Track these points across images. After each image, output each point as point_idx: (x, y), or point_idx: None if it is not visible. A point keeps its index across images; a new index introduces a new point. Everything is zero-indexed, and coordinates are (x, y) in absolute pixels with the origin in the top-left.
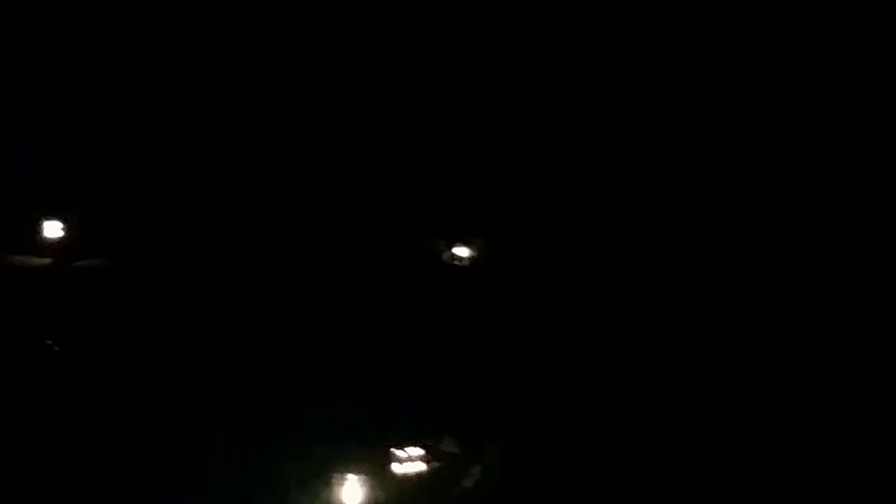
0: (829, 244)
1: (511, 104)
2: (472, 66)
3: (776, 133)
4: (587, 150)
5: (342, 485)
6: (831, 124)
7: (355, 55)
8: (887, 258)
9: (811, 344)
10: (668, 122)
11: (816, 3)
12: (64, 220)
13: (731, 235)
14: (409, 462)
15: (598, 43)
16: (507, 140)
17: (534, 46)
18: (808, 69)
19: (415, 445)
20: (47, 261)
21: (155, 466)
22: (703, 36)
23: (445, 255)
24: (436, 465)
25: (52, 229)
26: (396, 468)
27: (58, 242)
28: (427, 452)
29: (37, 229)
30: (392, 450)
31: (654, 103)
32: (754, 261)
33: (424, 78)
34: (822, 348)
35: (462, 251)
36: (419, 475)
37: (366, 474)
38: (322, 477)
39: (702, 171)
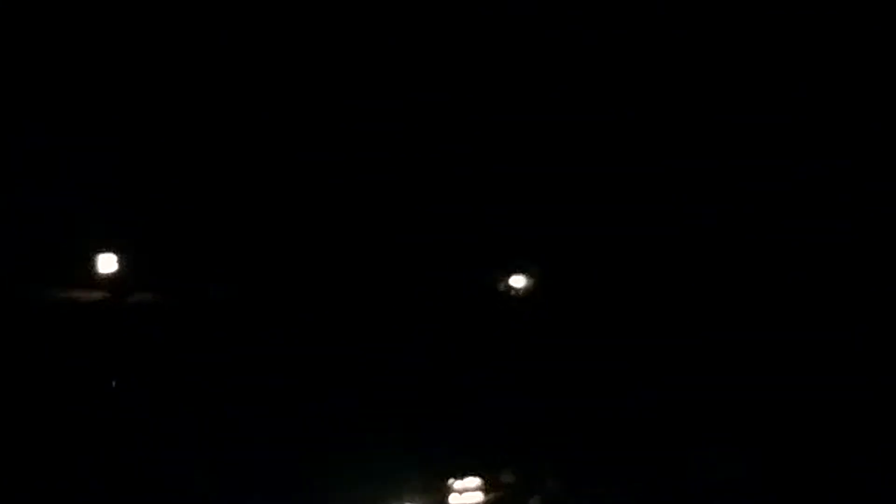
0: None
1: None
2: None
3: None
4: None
5: None
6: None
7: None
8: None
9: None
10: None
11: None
12: (119, 253)
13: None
14: (468, 493)
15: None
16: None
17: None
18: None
19: (473, 476)
20: (101, 295)
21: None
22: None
23: (502, 286)
24: (494, 496)
25: (107, 263)
26: (455, 499)
27: (112, 277)
28: (485, 483)
29: (91, 263)
30: (451, 480)
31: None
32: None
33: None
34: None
35: (518, 281)
36: None
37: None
38: None
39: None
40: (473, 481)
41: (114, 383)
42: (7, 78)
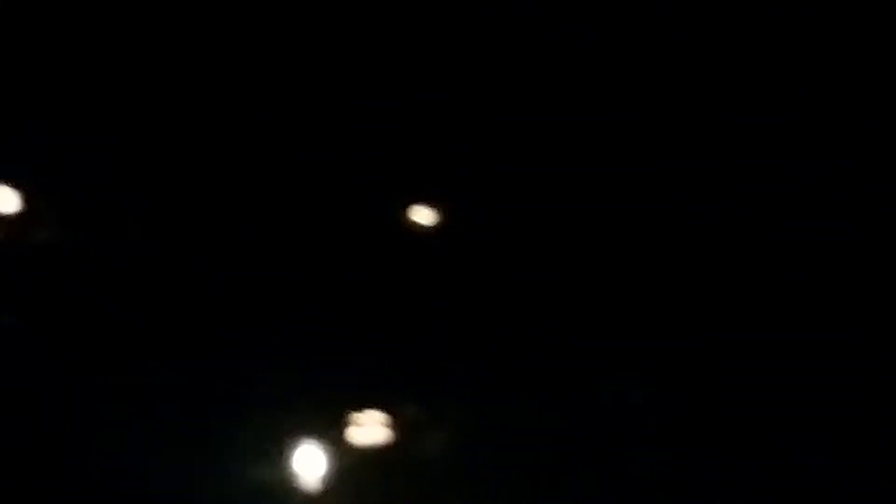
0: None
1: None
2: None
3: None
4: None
5: (296, 450)
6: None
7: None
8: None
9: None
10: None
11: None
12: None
13: (708, 217)
14: (369, 427)
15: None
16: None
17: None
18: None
19: (374, 409)
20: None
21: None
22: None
23: (405, 219)
24: (396, 431)
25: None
26: (355, 433)
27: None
28: (387, 418)
29: None
30: (350, 413)
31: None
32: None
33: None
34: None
35: (424, 214)
36: (378, 441)
37: (321, 440)
38: (275, 442)
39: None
40: (374, 415)
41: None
42: None
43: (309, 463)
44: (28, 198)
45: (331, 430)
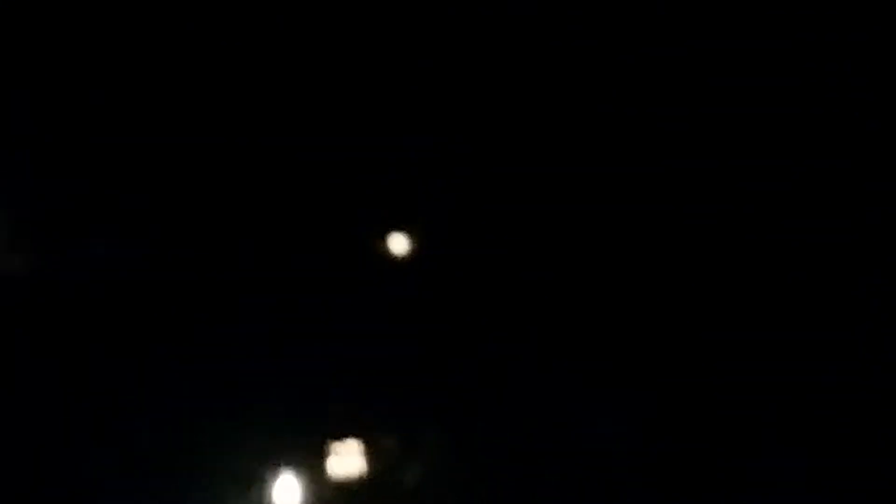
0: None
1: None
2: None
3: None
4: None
5: (276, 482)
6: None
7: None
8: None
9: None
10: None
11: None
12: None
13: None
14: (348, 456)
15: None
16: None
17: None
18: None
19: (352, 439)
20: None
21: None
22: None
23: (380, 247)
24: (374, 458)
25: None
26: (333, 462)
27: None
28: (365, 447)
29: None
30: (329, 442)
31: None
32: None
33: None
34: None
35: (399, 242)
36: (356, 470)
37: (300, 469)
38: (254, 471)
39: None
40: (353, 444)
41: None
42: None
43: (288, 492)
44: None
45: (309, 460)
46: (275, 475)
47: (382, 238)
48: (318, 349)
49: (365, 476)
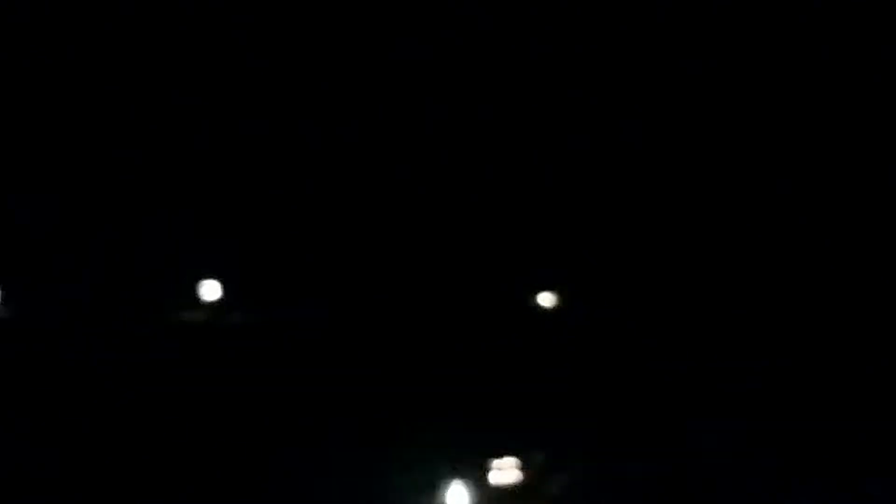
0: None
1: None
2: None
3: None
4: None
5: (448, 489)
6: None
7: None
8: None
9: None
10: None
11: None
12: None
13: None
14: (506, 471)
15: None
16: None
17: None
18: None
19: (510, 456)
20: (203, 317)
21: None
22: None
23: (530, 301)
24: (528, 474)
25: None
26: (494, 476)
27: (213, 301)
28: (520, 462)
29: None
30: (490, 459)
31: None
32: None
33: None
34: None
35: (546, 297)
36: (513, 481)
37: (467, 480)
38: (430, 484)
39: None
40: (510, 461)
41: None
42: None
43: (457, 498)
44: None
45: (474, 472)
46: (448, 484)
47: (534, 293)
48: (483, 385)
49: (519, 486)
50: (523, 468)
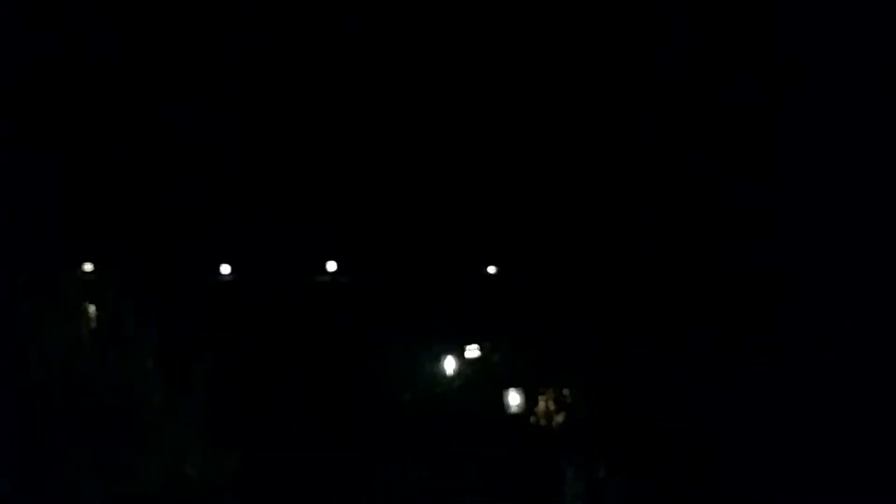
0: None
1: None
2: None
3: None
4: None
5: (443, 360)
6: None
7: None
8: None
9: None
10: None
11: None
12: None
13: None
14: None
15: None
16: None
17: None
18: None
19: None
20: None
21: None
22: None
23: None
24: (484, 351)
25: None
26: (468, 353)
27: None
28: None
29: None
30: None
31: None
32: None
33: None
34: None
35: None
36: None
37: (454, 356)
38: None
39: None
40: (475, 346)
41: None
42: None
43: (448, 364)
44: None
45: (458, 351)
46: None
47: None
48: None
49: (478, 359)
50: (481, 350)
